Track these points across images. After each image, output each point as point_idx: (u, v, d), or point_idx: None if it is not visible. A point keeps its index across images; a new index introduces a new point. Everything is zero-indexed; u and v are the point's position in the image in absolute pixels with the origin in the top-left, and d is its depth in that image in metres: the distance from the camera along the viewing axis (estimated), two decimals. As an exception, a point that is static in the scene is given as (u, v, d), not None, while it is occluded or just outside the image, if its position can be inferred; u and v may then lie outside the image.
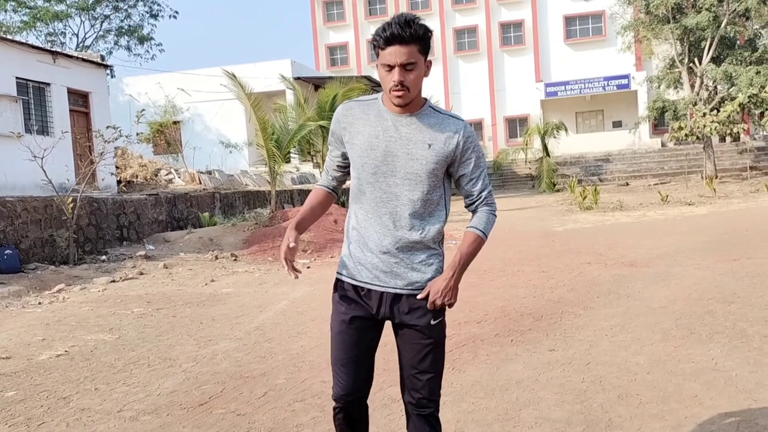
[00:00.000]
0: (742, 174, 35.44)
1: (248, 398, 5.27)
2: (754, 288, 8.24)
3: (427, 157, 2.84)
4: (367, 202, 2.90)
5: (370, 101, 2.99)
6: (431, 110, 2.92)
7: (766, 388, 4.73)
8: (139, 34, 45.84)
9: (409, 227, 2.87)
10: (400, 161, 2.85)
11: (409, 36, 2.71)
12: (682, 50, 35.43)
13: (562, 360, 5.76)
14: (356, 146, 2.92)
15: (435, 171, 2.86)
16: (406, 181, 2.86)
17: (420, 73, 2.80)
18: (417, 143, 2.85)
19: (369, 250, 2.91)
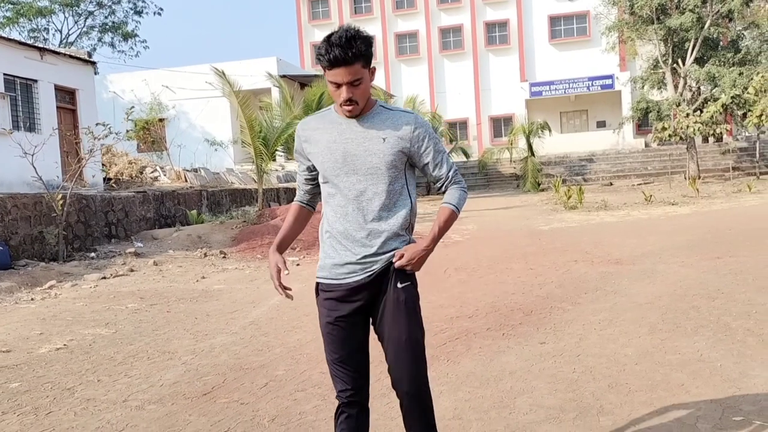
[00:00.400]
0: (724, 174, 35.85)
1: (250, 388, 5.43)
2: (737, 285, 8.47)
3: (384, 151, 3.01)
4: (336, 203, 3.07)
5: (325, 112, 3.17)
6: (382, 108, 3.09)
7: (750, 378, 4.93)
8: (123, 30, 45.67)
9: (378, 218, 3.03)
10: (360, 159, 3.02)
11: (352, 56, 2.87)
12: (665, 51, 35.78)
13: (553, 352, 5.95)
14: (318, 154, 3.09)
15: (393, 162, 3.03)
16: (368, 176, 3.02)
17: (366, 85, 2.98)
18: (372, 139, 3.02)
19: (343, 247, 3.06)
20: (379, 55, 50.17)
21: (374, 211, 3.04)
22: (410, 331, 3.05)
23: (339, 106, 3.02)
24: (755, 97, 31.93)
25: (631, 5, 35.49)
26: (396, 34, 50.50)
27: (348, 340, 3.11)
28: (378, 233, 3.04)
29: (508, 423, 4.38)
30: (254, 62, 35.25)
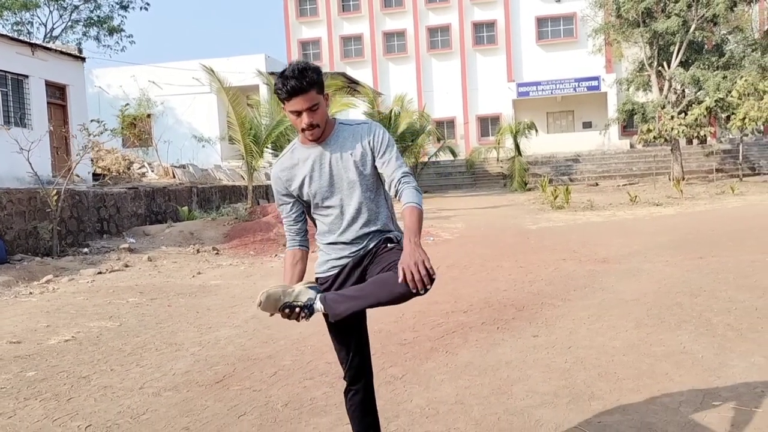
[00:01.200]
0: (708, 176, 36.38)
1: (260, 377, 5.73)
2: (719, 283, 8.84)
3: (356, 163, 3.30)
4: (329, 221, 3.36)
5: (293, 150, 3.41)
6: (342, 126, 3.38)
7: (729, 368, 5.29)
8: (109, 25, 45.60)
9: (366, 223, 3.33)
10: (340, 177, 3.31)
11: (307, 84, 3.15)
12: (651, 54, 36.22)
13: (546, 344, 6.29)
14: (305, 187, 3.36)
15: (365, 171, 3.31)
16: (350, 190, 3.31)
17: (323, 110, 3.26)
18: (344, 158, 3.31)
19: (339, 251, 3.35)
20: (366, 54, 50.44)
21: (362, 216, 3.33)
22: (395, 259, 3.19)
23: (302, 133, 3.28)
24: (739, 100, 32.44)
25: (617, 8, 35.87)
26: (384, 32, 50.72)
27: (349, 330, 3.43)
28: (368, 234, 3.34)
29: (506, 407, 4.71)
30: (242, 59, 35.44)
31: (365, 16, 50.63)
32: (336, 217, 3.34)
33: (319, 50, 51.85)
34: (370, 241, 3.34)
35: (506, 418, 4.53)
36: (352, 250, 3.35)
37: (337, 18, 51.27)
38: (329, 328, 3.48)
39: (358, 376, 3.52)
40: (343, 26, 51.52)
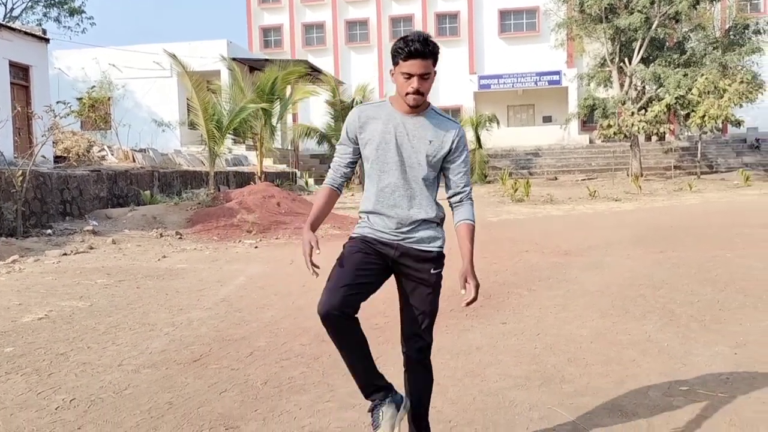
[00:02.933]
0: (666, 173, 37.06)
1: (237, 357, 5.82)
2: (680, 276, 9.13)
3: (427, 151, 3.44)
4: (381, 187, 3.47)
5: (381, 104, 3.56)
6: (434, 112, 3.52)
7: (694, 356, 5.52)
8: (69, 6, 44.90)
9: (417, 207, 3.46)
10: (407, 153, 3.44)
11: (429, 51, 3.33)
12: (613, 50, 36.70)
13: (515, 331, 6.48)
14: (372, 141, 3.48)
15: (432, 163, 3.46)
16: (411, 169, 3.45)
17: (431, 82, 3.41)
18: (420, 139, 3.44)
19: (385, 225, 3.47)
20: (328, 42, 50.37)
21: (413, 199, 3.46)
22: (434, 311, 3.58)
23: (404, 96, 3.39)
24: (699, 98, 33.08)
25: (580, 3, 36.31)
26: (346, 20, 50.69)
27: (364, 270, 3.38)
28: (415, 220, 3.46)
29: (481, 389, 4.87)
30: (204, 44, 35.14)
31: (328, 3, 50.53)
32: (388, 186, 3.45)
33: (281, 37, 51.65)
34: (413, 232, 3.46)
35: (481, 398, 4.69)
36: (394, 229, 3.45)
37: (300, 5, 51.10)
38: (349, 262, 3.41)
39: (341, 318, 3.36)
40: (306, 13, 51.35)
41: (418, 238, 3.46)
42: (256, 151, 28.47)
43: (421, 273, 3.48)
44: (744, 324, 6.55)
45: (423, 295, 3.49)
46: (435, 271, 3.51)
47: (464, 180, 3.54)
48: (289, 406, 4.63)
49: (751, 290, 8.15)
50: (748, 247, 11.83)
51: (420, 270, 3.47)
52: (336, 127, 34.40)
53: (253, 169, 29.76)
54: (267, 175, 28.30)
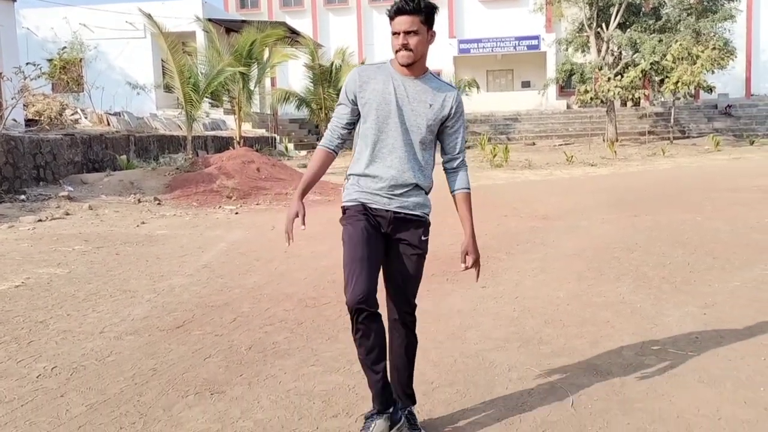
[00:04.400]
0: (640, 138, 37.34)
1: (220, 323, 5.89)
2: (652, 240, 9.32)
3: (427, 114, 3.50)
4: (378, 148, 3.52)
5: (381, 65, 3.60)
6: (432, 76, 3.58)
7: (665, 317, 5.69)
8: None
9: (412, 170, 3.52)
10: (406, 114, 3.50)
11: (412, 8, 3.36)
12: (590, 14, 36.67)
13: (494, 294, 6.61)
14: (372, 101, 3.51)
15: (431, 127, 3.53)
16: (411, 132, 3.50)
17: (422, 39, 3.43)
18: (420, 102, 3.50)
19: (378, 188, 3.51)
20: (306, 3, 49.81)
21: (409, 161, 3.51)
22: (419, 276, 3.66)
23: (395, 54, 3.45)
24: (673, 64, 33.24)
25: (558, -33, 36.22)
26: (325, -19, 50.16)
27: (369, 242, 3.47)
28: (408, 183, 3.52)
29: (461, 351, 4.99)
30: (178, 4, 34.49)
31: (306, -37, 49.89)
32: (385, 147, 3.49)
33: (258, -3, 50.96)
34: (405, 198, 3.53)
35: (462, 360, 4.81)
36: (387, 190, 3.50)
37: (276, -34, 50.44)
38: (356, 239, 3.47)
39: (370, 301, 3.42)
40: (283, -29, 50.67)
41: (410, 203, 3.53)
42: (234, 116, 28.28)
43: (412, 239, 3.56)
44: (713, 285, 6.73)
45: (413, 261, 3.57)
46: (425, 238, 3.60)
47: (460, 145, 3.63)
48: (274, 370, 4.72)
49: (719, 252, 8.36)
50: (716, 210, 12.06)
51: (411, 236, 3.55)
52: (315, 91, 34.16)
53: (231, 133, 29.59)
54: (246, 139, 28.17)
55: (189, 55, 23.82)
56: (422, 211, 3.58)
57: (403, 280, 3.59)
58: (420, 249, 3.57)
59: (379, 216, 3.52)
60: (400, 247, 3.57)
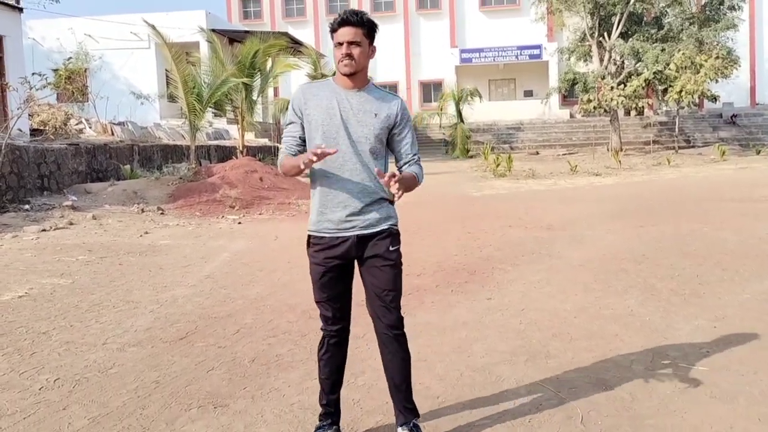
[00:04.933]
0: (645, 147, 37.26)
1: (223, 334, 5.83)
2: (660, 251, 9.23)
3: (374, 124, 3.53)
4: (330, 164, 3.51)
5: (324, 82, 3.66)
6: (374, 87, 3.63)
7: (675, 330, 5.61)
8: (44, -27, 43.98)
9: (365, 180, 3.52)
10: (353, 127, 3.52)
11: (356, 21, 3.44)
12: (592, 24, 36.62)
13: (500, 306, 6.53)
14: (316, 117, 3.54)
15: (379, 136, 3.55)
16: (358, 143, 3.51)
17: (364, 51, 3.49)
18: (366, 113, 3.53)
19: (335, 205, 3.54)
20: (309, 13, 49.97)
21: (361, 171, 3.52)
22: (398, 287, 3.65)
23: (338, 64, 3.48)
24: (676, 73, 33.18)
25: (560, -23, 36.18)
26: (327, -8, 50.31)
27: (335, 284, 3.63)
28: (365, 194, 3.53)
29: (468, 364, 4.92)
30: (182, 15, 34.67)
31: (309, -27, 50.07)
32: (336, 162, 3.49)
33: (260, 8, 51.19)
34: (368, 216, 3.54)
35: (468, 374, 4.74)
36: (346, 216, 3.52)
37: (280, -25, 50.61)
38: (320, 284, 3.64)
39: (341, 329, 3.74)
40: (284, -17, 50.85)
41: (373, 219, 3.55)
42: (237, 125, 28.26)
43: (380, 251, 3.55)
44: (722, 298, 6.65)
45: (385, 273, 3.57)
46: (393, 248, 3.60)
47: (413, 149, 3.69)
48: (277, 383, 4.66)
49: (728, 264, 8.27)
50: (724, 221, 11.97)
51: (378, 249, 3.55)
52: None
53: (234, 143, 29.58)
54: (249, 149, 28.15)
55: (193, 66, 23.80)
56: (389, 224, 3.61)
57: (380, 294, 3.60)
58: (390, 260, 3.58)
59: (343, 241, 3.54)
60: (371, 261, 3.58)
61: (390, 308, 3.61)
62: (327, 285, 3.60)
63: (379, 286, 3.58)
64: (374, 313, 3.65)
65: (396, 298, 3.63)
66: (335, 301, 3.64)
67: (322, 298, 3.64)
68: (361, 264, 3.62)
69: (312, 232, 3.62)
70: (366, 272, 3.61)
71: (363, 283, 3.65)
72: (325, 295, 3.63)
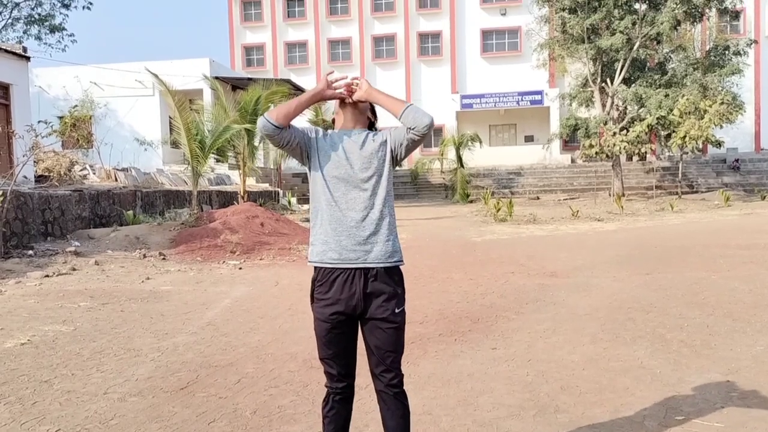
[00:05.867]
0: (647, 192, 37.24)
1: (224, 384, 5.73)
2: (668, 299, 9.12)
3: (378, 162, 3.54)
4: (334, 195, 3.51)
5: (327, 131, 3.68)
6: (362, 129, 3.65)
7: (687, 383, 5.49)
8: (50, 23, 44.56)
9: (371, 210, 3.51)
10: (355, 164, 3.52)
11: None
12: (595, 70, 36.83)
13: (505, 357, 6.42)
14: (322, 152, 3.56)
15: (380, 166, 3.55)
16: (364, 184, 3.52)
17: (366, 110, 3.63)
18: (366, 150, 3.55)
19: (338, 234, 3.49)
20: (311, 61, 50.48)
21: (366, 204, 3.51)
22: (401, 349, 3.63)
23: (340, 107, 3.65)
24: (680, 119, 33.24)
25: (562, 24, 36.41)
26: (329, 40, 50.88)
27: (339, 340, 3.57)
28: (369, 225, 3.50)
29: (474, 419, 4.81)
30: (186, 63, 35.13)
31: (310, 23, 50.74)
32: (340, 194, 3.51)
33: (263, 55, 51.74)
34: (373, 246, 3.49)
35: (475, 429, 4.63)
36: (356, 242, 3.48)
37: (282, 24, 51.26)
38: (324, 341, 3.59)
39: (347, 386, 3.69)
40: (288, 32, 51.51)
41: (376, 253, 3.49)
42: (238, 171, 28.35)
43: (385, 314, 3.50)
44: (734, 349, 6.53)
45: (389, 335, 3.53)
46: (399, 310, 3.55)
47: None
48: (280, 437, 4.55)
49: (738, 314, 8.16)
50: (732, 268, 11.86)
51: (383, 311, 3.50)
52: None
53: (236, 188, 29.66)
54: (250, 194, 28.20)
55: (196, 113, 23.99)
56: (395, 260, 3.56)
57: (382, 354, 3.56)
58: (395, 323, 3.53)
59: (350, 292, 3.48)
60: (375, 323, 3.53)
61: (391, 368, 3.56)
62: (333, 341, 3.55)
63: (381, 347, 3.54)
64: (374, 371, 3.61)
65: (397, 359, 3.59)
66: (341, 357, 3.59)
67: (327, 354, 3.59)
68: (364, 323, 3.56)
69: (315, 263, 3.56)
70: (369, 332, 3.56)
71: (364, 340, 3.61)
72: (331, 351, 3.58)
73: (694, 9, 33.81)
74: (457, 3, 49.31)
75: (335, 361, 3.58)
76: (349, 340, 3.59)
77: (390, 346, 3.53)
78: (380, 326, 3.50)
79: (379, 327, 3.50)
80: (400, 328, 3.56)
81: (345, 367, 3.61)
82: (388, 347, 3.53)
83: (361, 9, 50.16)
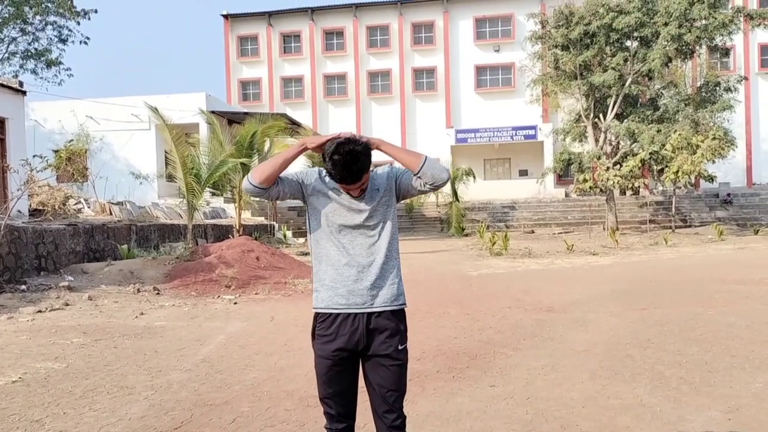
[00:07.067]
0: (641, 227, 37.31)
1: (219, 424, 5.65)
2: (665, 335, 9.07)
3: (382, 206, 3.53)
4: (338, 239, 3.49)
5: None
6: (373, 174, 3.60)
7: (688, 422, 5.44)
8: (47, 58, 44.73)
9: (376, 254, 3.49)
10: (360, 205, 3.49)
11: (359, 174, 3.39)
12: (588, 105, 37.06)
13: (504, 395, 6.36)
14: (323, 193, 3.54)
15: (380, 207, 3.53)
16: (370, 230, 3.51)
17: (368, 176, 3.48)
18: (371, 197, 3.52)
19: (344, 279, 3.47)
20: (307, 95, 50.75)
21: (371, 249, 3.50)
22: (404, 388, 3.59)
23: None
24: (672, 153, 33.41)
25: (555, 60, 36.74)
26: (325, 75, 51.21)
27: (341, 379, 3.54)
28: (375, 270, 3.47)
29: (475, 459, 4.74)
30: (182, 97, 35.31)
31: (306, 58, 51.08)
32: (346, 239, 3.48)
33: (260, 90, 52.03)
34: (379, 290, 3.46)
35: (476, 470, 4.56)
36: (363, 287, 3.45)
37: (278, 59, 51.60)
38: (323, 381, 3.56)
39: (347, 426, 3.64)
40: (284, 67, 51.83)
41: (382, 297, 3.47)
42: (234, 204, 28.34)
43: (389, 351, 3.47)
44: (734, 387, 6.48)
45: (392, 372, 3.50)
46: (402, 347, 3.52)
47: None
48: (276, 478, 4.48)
49: (737, 350, 8.12)
50: (728, 303, 11.84)
51: (387, 348, 3.47)
52: (314, 180, 34.36)
53: (231, 221, 29.60)
54: (245, 227, 28.15)
55: (192, 147, 23.99)
56: (399, 303, 3.54)
57: (384, 393, 3.51)
58: (399, 360, 3.50)
59: (353, 320, 3.45)
60: (378, 360, 3.50)
61: (394, 408, 3.51)
62: (334, 379, 3.51)
63: (384, 386, 3.49)
64: (376, 411, 3.56)
65: (400, 398, 3.54)
66: (341, 397, 3.54)
67: (327, 394, 3.54)
68: (366, 360, 3.52)
69: (320, 310, 3.52)
70: (371, 370, 3.52)
71: (366, 380, 3.56)
72: (332, 390, 3.53)
73: (685, 46, 34.08)
74: (452, 39, 49.76)
75: (336, 400, 3.53)
76: (351, 378, 3.54)
77: (393, 385, 3.48)
78: (383, 363, 3.46)
79: (382, 364, 3.46)
80: (403, 366, 3.52)
81: (345, 407, 3.56)
82: (391, 386, 3.48)
83: (356, 45, 50.55)
